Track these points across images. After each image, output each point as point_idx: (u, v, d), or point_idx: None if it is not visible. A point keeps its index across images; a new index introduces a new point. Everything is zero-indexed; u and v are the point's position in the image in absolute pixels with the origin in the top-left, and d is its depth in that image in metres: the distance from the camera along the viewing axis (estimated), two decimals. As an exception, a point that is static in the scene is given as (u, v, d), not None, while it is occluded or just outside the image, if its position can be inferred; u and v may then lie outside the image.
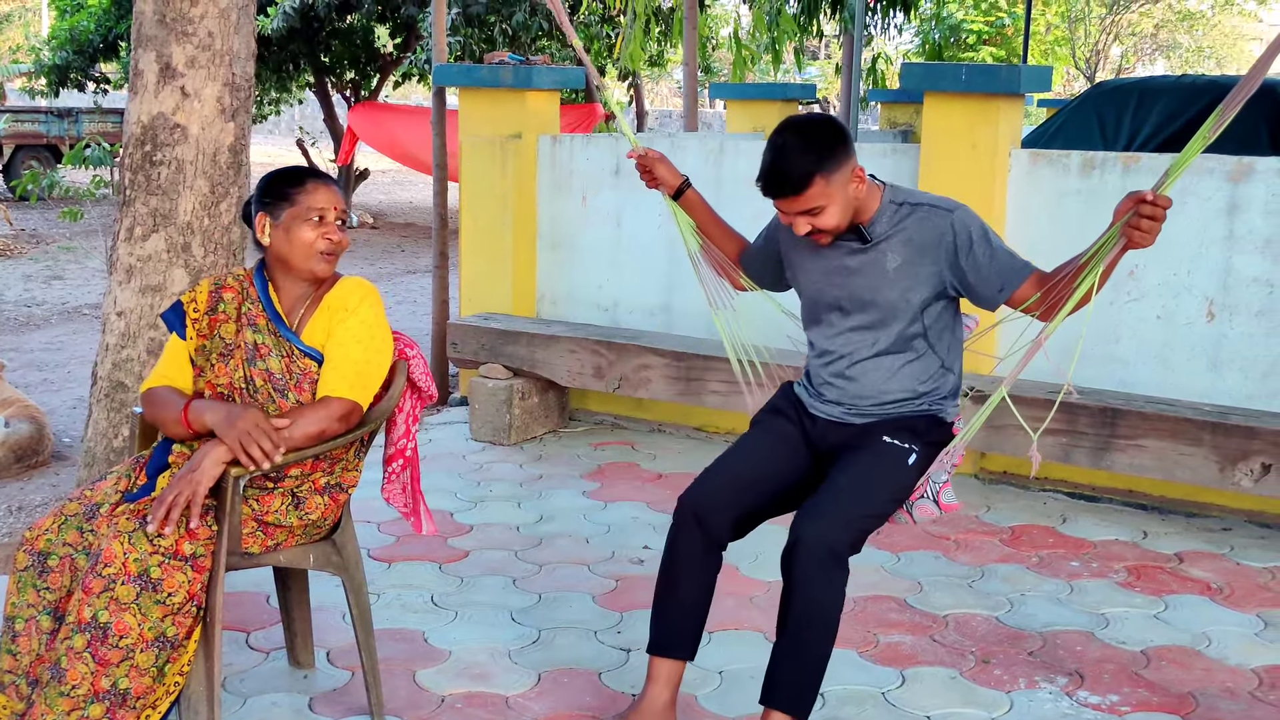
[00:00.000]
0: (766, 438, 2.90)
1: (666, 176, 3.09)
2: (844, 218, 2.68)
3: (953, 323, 2.86)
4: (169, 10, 3.89)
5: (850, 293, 2.79)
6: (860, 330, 2.80)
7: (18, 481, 5.04)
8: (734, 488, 2.78)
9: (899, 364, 2.79)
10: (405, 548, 4.05)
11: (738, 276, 3.12)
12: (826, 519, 2.58)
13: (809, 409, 2.90)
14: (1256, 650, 3.40)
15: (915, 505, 2.77)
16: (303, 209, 2.68)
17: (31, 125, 17.83)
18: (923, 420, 2.81)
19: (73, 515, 2.55)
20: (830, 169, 2.62)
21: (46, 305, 9.52)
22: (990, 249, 2.70)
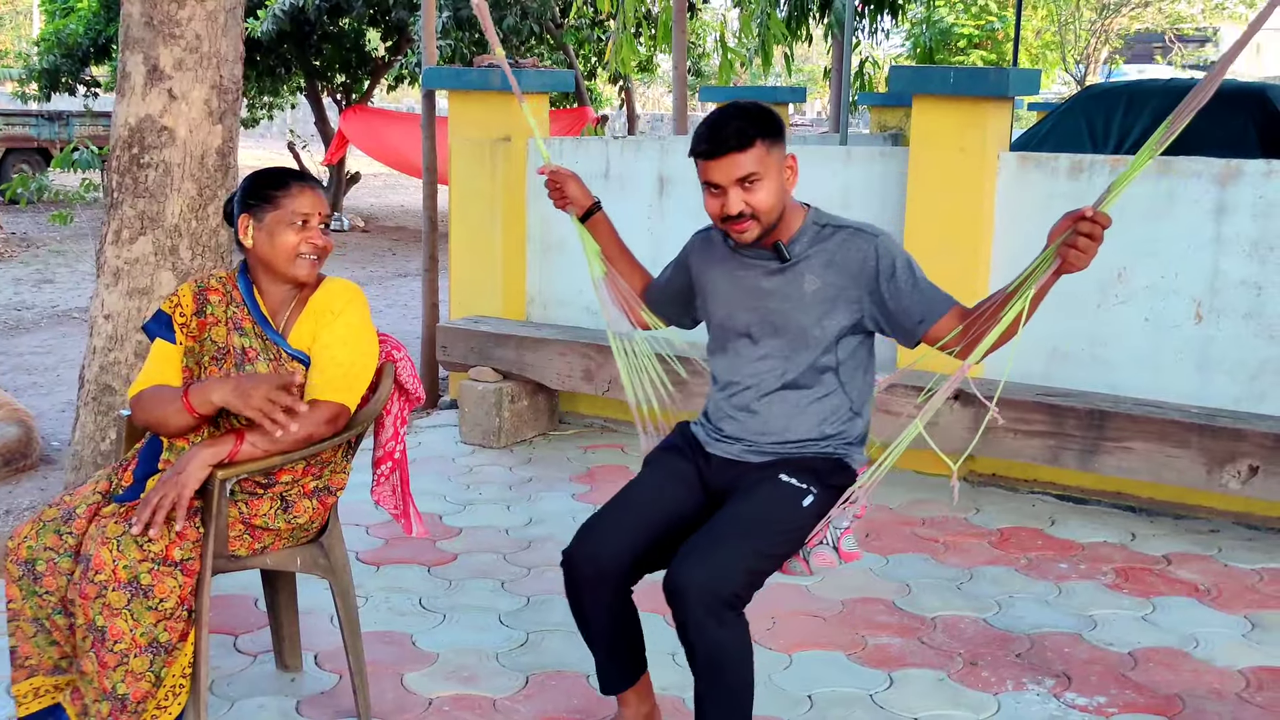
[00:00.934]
0: (657, 478, 2.71)
1: (578, 196, 2.92)
2: (776, 203, 2.53)
3: (867, 363, 2.71)
4: (156, 13, 3.88)
5: (762, 317, 2.64)
6: (769, 359, 2.65)
7: (5, 485, 5.03)
8: (621, 535, 2.57)
9: (807, 400, 2.64)
10: (393, 550, 4.04)
11: (640, 310, 2.94)
12: (707, 563, 2.38)
13: (705, 448, 2.73)
14: (1244, 652, 3.40)
15: (813, 552, 2.58)
16: (286, 212, 2.66)
17: (21, 128, 17.81)
18: (825, 462, 2.64)
19: (50, 520, 2.56)
20: (770, 139, 2.50)
21: (36, 309, 9.49)
22: (913, 278, 2.57)
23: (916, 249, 4.79)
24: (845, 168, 5.14)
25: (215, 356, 2.71)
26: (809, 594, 3.73)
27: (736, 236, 2.57)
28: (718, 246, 2.75)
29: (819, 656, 3.32)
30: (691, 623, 2.37)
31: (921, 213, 4.81)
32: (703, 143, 2.52)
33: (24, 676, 2.59)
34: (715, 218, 2.57)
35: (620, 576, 2.57)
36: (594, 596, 2.58)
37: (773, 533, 2.50)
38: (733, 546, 2.42)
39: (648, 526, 2.59)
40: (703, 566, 2.38)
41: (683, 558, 2.40)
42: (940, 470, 4.90)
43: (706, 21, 20.03)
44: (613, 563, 2.55)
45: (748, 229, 2.54)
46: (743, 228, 2.54)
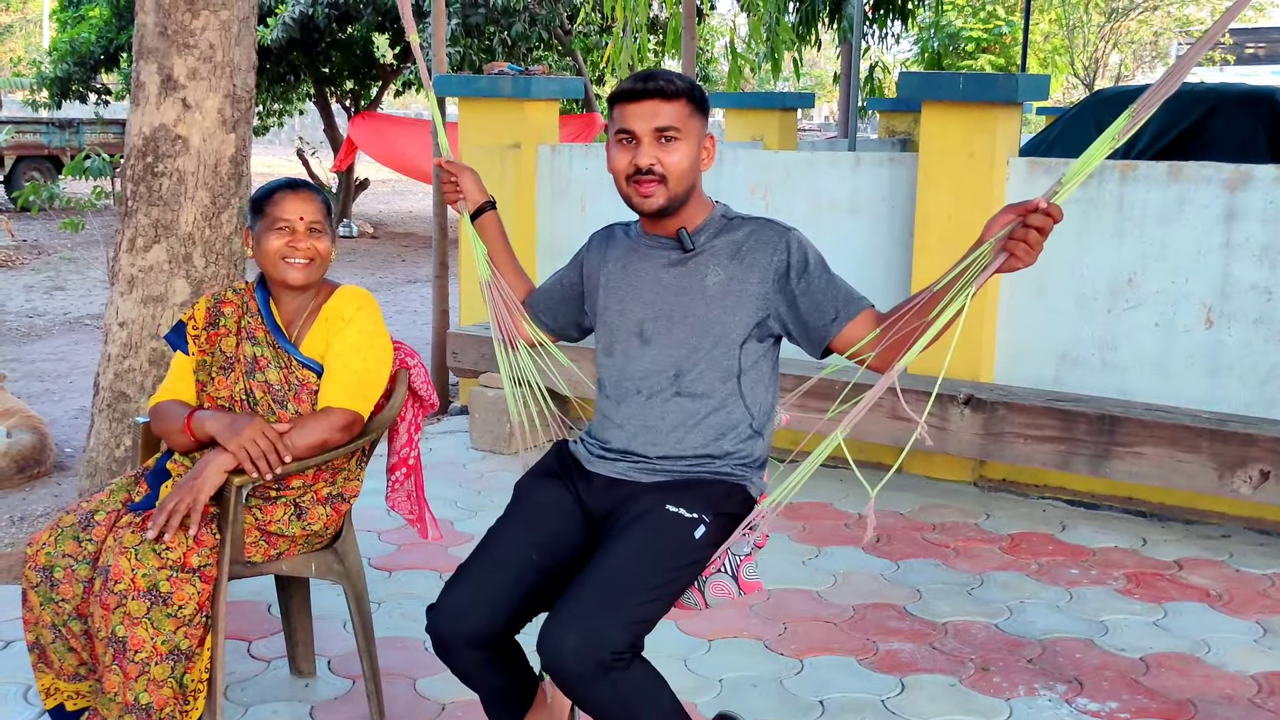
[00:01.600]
0: (528, 513, 2.43)
1: (472, 191, 2.68)
2: (687, 170, 2.34)
3: (770, 378, 2.46)
4: (170, 23, 3.91)
5: (658, 311, 2.42)
6: (662, 360, 2.41)
7: (19, 492, 5.05)
8: (490, 595, 2.27)
9: (703, 411, 2.39)
10: (406, 556, 4.06)
11: (521, 321, 2.72)
12: (582, 627, 2.09)
13: (586, 466, 2.47)
14: (1255, 657, 3.40)
15: (709, 581, 2.35)
16: (270, 219, 2.72)
17: (33, 136, 17.89)
18: (720, 486, 2.38)
19: (68, 526, 2.58)
20: (696, 105, 2.34)
21: (48, 316, 9.54)
22: (827, 274, 2.36)
23: (925, 254, 4.81)
24: (854, 173, 5.15)
25: (223, 366, 2.75)
26: (820, 600, 3.74)
27: (640, 200, 2.36)
28: (617, 240, 2.55)
29: (830, 662, 3.32)
30: (577, 695, 2.13)
31: (930, 218, 4.81)
32: (627, 84, 2.34)
33: (42, 674, 2.63)
34: (621, 174, 2.36)
35: (494, 638, 2.29)
36: (468, 660, 2.31)
37: (660, 571, 2.22)
38: (611, 597, 2.14)
39: (520, 576, 2.30)
40: (576, 631, 2.09)
41: (554, 621, 2.12)
42: (951, 476, 4.90)
43: (714, 27, 20.06)
44: (484, 624, 2.26)
45: (653, 193, 2.34)
46: (649, 189, 2.33)
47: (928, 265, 4.76)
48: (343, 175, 15.88)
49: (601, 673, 2.08)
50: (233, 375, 2.73)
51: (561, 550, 2.36)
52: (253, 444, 2.54)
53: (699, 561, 2.30)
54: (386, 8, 13.83)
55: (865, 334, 2.29)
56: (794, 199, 5.28)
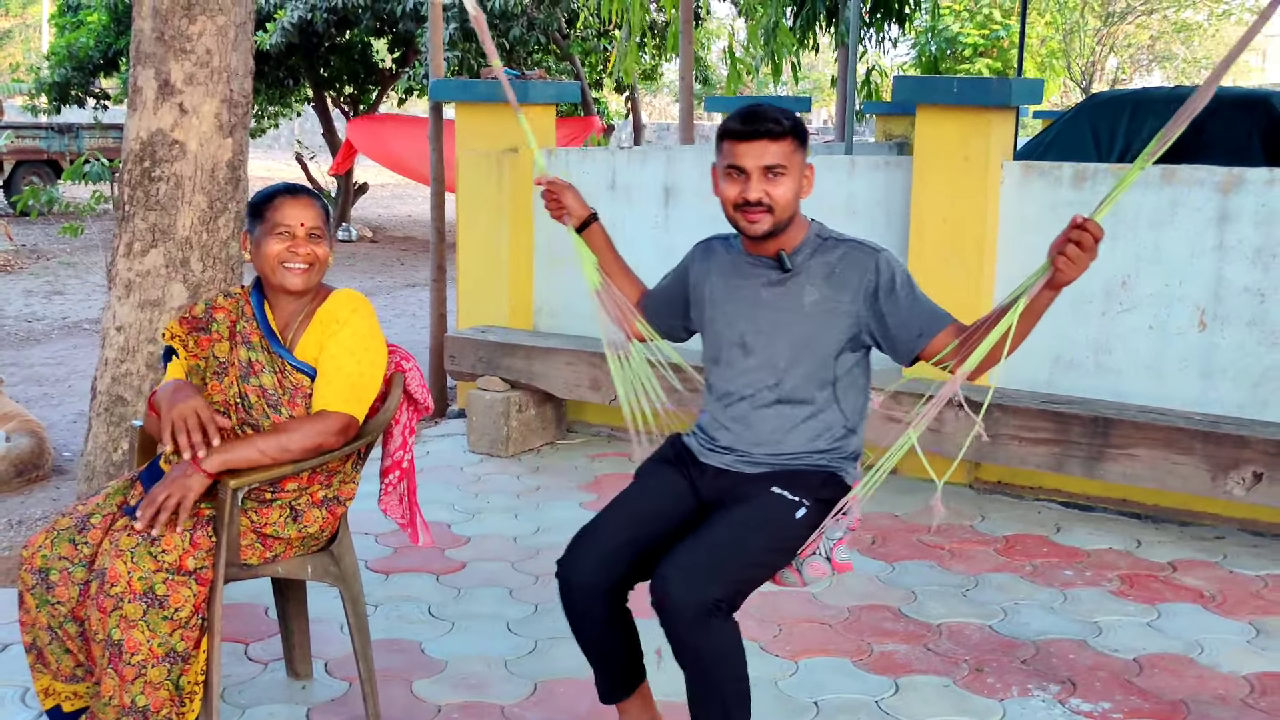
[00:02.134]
0: (648, 489, 2.71)
1: (575, 207, 2.92)
2: (791, 201, 2.55)
3: (863, 383, 2.70)
4: (167, 28, 3.93)
5: (759, 326, 2.64)
6: (763, 370, 2.63)
7: (18, 495, 5.07)
8: (613, 551, 2.56)
9: (801, 416, 2.63)
10: (403, 559, 4.07)
11: (635, 322, 2.91)
12: (690, 571, 2.38)
13: (698, 458, 2.73)
14: (1248, 658, 3.42)
15: (806, 563, 2.57)
16: (270, 224, 2.73)
17: (32, 141, 17.90)
18: (818, 475, 2.63)
19: (64, 529, 2.60)
20: (799, 141, 2.55)
21: (47, 320, 9.55)
22: (913, 294, 2.58)
23: (920, 258, 4.82)
24: (850, 177, 5.17)
25: (216, 371, 2.76)
26: (815, 601, 3.75)
27: (747, 226, 2.57)
28: (718, 255, 2.76)
29: (825, 663, 3.34)
30: (677, 631, 2.36)
31: (925, 221, 4.83)
32: (738, 123, 2.54)
33: (40, 674, 2.65)
34: (730, 203, 2.57)
35: (612, 588, 2.56)
36: (586, 607, 2.57)
37: (763, 543, 2.49)
38: (718, 554, 2.42)
39: (637, 539, 2.57)
40: (686, 574, 2.37)
41: (666, 566, 2.40)
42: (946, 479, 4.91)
43: (711, 30, 20.08)
44: (604, 575, 2.55)
45: (760, 220, 2.55)
46: (756, 217, 2.55)
47: (923, 268, 4.78)
48: (341, 179, 15.89)
49: (703, 614, 2.34)
50: (226, 380, 2.74)
51: (674, 526, 2.60)
52: (181, 420, 2.55)
53: (797, 540, 2.55)
54: (385, 12, 13.85)
55: (946, 346, 2.52)
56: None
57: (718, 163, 2.60)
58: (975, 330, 2.44)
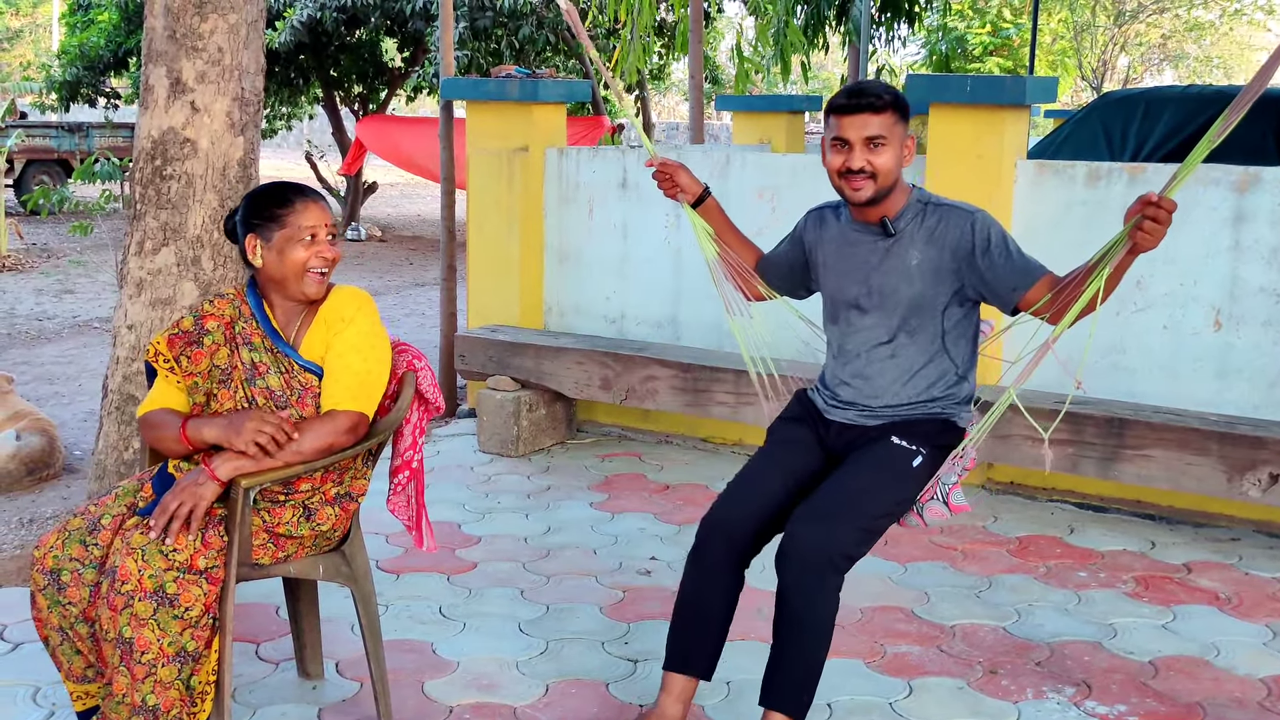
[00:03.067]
0: (784, 448, 2.92)
1: (688, 184, 3.14)
2: (892, 169, 2.74)
3: (971, 332, 2.91)
4: (179, 26, 3.92)
5: (871, 288, 2.84)
6: (878, 328, 2.85)
7: (29, 494, 5.07)
8: (757, 503, 2.79)
9: (915, 366, 2.84)
10: (413, 559, 4.06)
11: (756, 284, 3.15)
12: (824, 523, 2.61)
13: (823, 414, 2.95)
14: (1265, 660, 3.39)
15: (926, 506, 2.81)
16: (294, 229, 2.67)
17: (42, 140, 17.93)
18: (934, 424, 2.85)
19: (75, 530, 2.59)
20: (900, 113, 2.74)
21: (57, 319, 9.56)
22: (1007, 251, 2.76)
23: (934, 257, 4.80)
24: (862, 176, 5.14)
25: (221, 380, 2.71)
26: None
27: (851, 194, 2.77)
28: (829, 223, 2.97)
29: (838, 664, 3.32)
30: (792, 582, 2.58)
31: (939, 221, 4.80)
32: (843, 98, 2.75)
33: (65, 678, 2.65)
34: (835, 171, 2.77)
35: (746, 544, 2.78)
36: (715, 565, 2.77)
37: (884, 493, 2.72)
38: (845, 508, 2.64)
39: (776, 492, 2.80)
40: (815, 526, 2.60)
41: (797, 519, 2.63)
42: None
43: (720, 30, 20.06)
44: (751, 523, 2.77)
45: (863, 187, 2.75)
46: (859, 184, 2.75)
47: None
48: (351, 179, 15.91)
49: (823, 568, 2.57)
50: (232, 384, 2.70)
51: (805, 478, 2.83)
52: (259, 434, 2.53)
53: (918, 485, 2.77)
54: (395, 11, 13.85)
55: (1041, 297, 2.70)
56: (802, 202, 5.23)
57: (825, 135, 2.80)
58: (1066, 285, 2.62)
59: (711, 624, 2.82)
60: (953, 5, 16.11)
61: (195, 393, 2.72)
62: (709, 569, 2.79)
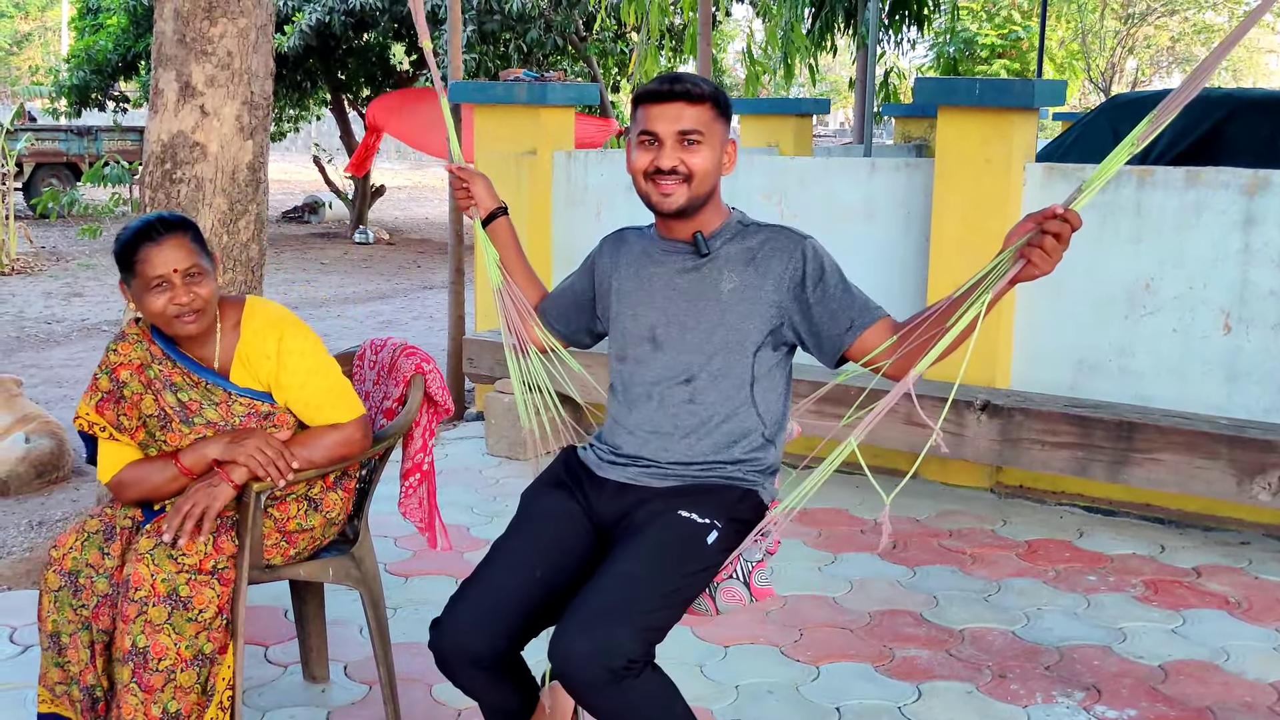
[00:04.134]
0: (535, 524, 2.42)
1: (483, 197, 2.68)
2: (709, 172, 2.34)
3: (783, 389, 2.46)
4: (189, 30, 3.93)
5: (670, 316, 2.41)
6: (674, 366, 2.40)
7: (38, 496, 5.08)
8: (494, 616, 2.26)
9: (716, 418, 2.38)
10: (422, 562, 4.06)
11: (533, 326, 2.68)
12: (593, 634, 2.08)
13: (596, 472, 2.47)
14: (1275, 664, 3.38)
15: (720, 588, 2.34)
16: (144, 280, 2.53)
17: (51, 143, 18.00)
18: (733, 492, 2.38)
19: (94, 533, 2.58)
20: (719, 109, 2.34)
21: (66, 322, 9.59)
22: (843, 283, 2.35)
23: (941, 260, 4.80)
24: (869, 178, 5.14)
25: (162, 425, 2.61)
26: (836, 606, 3.73)
27: (659, 199, 2.36)
28: (630, 243, 2.55)
29: (847, 668, 3.31)
30: (589, 700, 2.11)
31: (946, 224, 4.81)
32: (652, 85, 2.35)
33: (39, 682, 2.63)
34: (641, 172, 2.36)
35: (498, 657, 2.28)
36: (470, 678, 2.31)
37: (673, 578, 2.22)
38: (623, 609, 2.12)
39: (524, 596, 2.28)
40: (588, 638, 2.08)
41: (565, 628, 2.11)
42: (968, 482, 4.89)
43: (727, 33, 20.06)
44: (486, 646, 2.26)
45: (674, 191, 2.34)
46: (669, 188, 2.34)
47: (944, 271, 4.76)
48: (359, 181, 15.94)
49: (613, 680, 2.07)
50: (173, 427, 2.61)
51: (569, 563, 2.34)
52: (259, 453, 2.53)
53: (711, 567, 2.29)
54: (403, 15, 13.88)
55: (880, 343, 2.27)
56: (809, 205, 5.28)
57: (631, 130, 2.39)
58: (915, 326, 2.18)
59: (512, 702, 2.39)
60: (961, 8, 16.09)
61: (150, 445, 2.63)
62: (468, 688, 2.34)
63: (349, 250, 14.79)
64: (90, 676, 2.56)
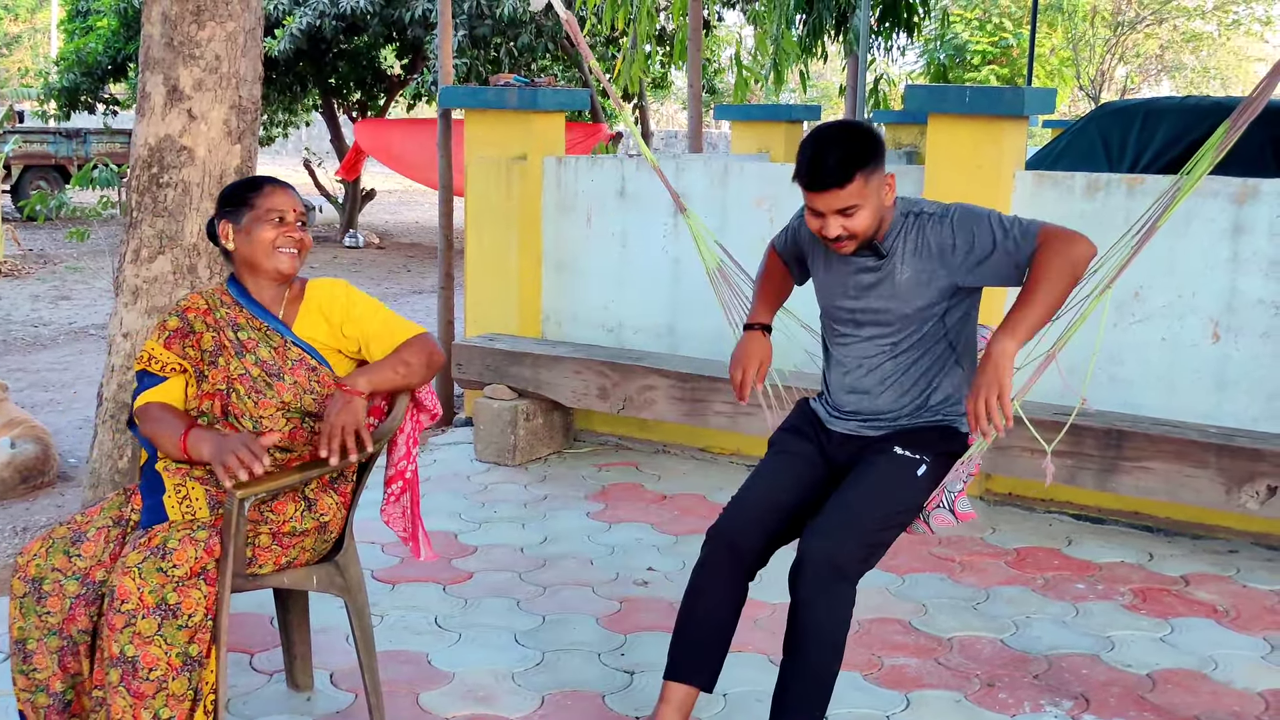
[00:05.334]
0: (786, 460, 2.90)
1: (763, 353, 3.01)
2: (874, 223, 2.69)
3: (971, 328, 2.87)
4: (176, 34, 3.92)
5: (864, 305, 2.81)
6: (875, 341, 2.82)
7: (23, 502, 5.05)
8: (762, 515, 2.78)
9: (918, 376, 2.81)
10: (409, 569, 4.04)
11: None
12: (833, 536, 2.60)
13: (825, 424, 2.93)
14: (1263, 673, 3.38)
15: (932, 514, 2.81)
16: (261, 211, 2.77)
17: (40, 146, 17.93)
18: (936, 431, 2.82)
19: (60, 539, 2.57)
20: (871, 167, 2.63)
21: (53, 325, 9.54)
22: (995, 236, 2.68)
23: (932, 267, 4.79)
24: (860, 186, 5.13)
25: (211, 361, 2.76)
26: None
27: (836, 249, 2.75)
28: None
29: (835, 677, 3.30)
30: (806, 595, 2.59)
31: (937, 231, 4.80)
32: (804, 174, 2.65)
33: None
34: (815, 233, 2.74)
35: (753, 556, 2.77)
36: (721, 576, 2.77)
37: (891, 504, 2.70)
38: (853, 521, 2.63)
39: (778, 511, 2.78)
40: (824, 541, 2.59)
41: (807, 535, 2.63)
42: (956, 489, 4.88)
43: (720, 38, 20.07)
44: (757, 538, 2.76)
45: (845, 246, 2.72)
46: (841, 245, 2.72)
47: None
48: (349, 185, 15.91)
49: (833, 580, 2.58)
50: (221, 360, 2.75)
51: (809, 490, 2.82)
52: (231, 456, 2.52)
53: (920, 497, 2.76)
54: (393, 20, 13.86)
55: None
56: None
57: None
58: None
59: (715, 636, 2.80)
60: (950, 15, 16.12)
61: (192, 380, 2.76)
62: (714, 581, 2.78)
63: (338, 254, 14.75)
64: (58, 683, 2.53)
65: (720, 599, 2.79)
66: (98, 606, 2.51)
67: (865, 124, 2.78)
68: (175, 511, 2.60)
